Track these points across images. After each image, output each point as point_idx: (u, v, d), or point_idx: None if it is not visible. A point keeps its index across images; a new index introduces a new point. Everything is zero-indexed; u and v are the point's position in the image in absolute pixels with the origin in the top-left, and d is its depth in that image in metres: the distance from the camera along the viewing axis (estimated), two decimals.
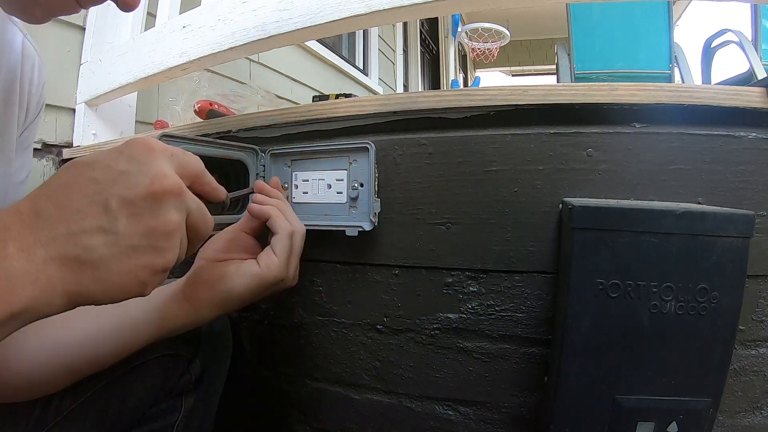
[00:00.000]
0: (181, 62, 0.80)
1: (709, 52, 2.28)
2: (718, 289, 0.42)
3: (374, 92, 3.34)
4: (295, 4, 0.66)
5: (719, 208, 0.46)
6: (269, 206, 0.50)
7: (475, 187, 0.54)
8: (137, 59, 0.87)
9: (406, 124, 0.57)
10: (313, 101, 0.85)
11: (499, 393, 0.55)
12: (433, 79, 5.63)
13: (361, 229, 0.55)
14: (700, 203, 0.49)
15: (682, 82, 2.21)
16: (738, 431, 0.51)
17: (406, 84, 4.50)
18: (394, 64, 4.14)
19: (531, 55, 7.17)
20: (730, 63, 2.29)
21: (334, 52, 2.79)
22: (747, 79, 1.96)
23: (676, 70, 2.25)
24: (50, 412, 0.44)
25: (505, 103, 0.53)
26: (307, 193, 0.60)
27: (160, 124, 1.11)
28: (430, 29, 5.56)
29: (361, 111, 0.59)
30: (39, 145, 0.93)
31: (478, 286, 0.55)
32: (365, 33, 3.52)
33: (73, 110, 1.01)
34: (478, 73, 8.00)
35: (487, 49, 5.61)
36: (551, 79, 5.75)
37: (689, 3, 4.62)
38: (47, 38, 0.95)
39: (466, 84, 6.97)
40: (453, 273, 0.55)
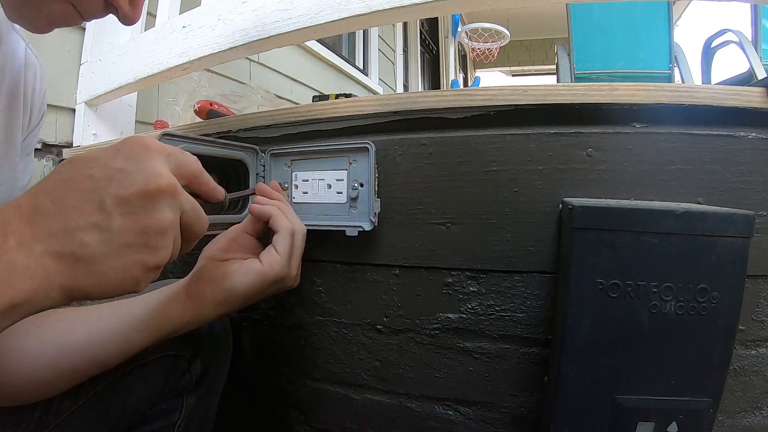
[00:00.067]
0: (181, 62, 0.80)
1: (709, 52, 2.28)
2: (718, 289, 0.42)
3: (374, 92, 3.34)
4: (295, 4, 0.67)
5: (719, 208, 0.46)
6: (270, 206, 0.51)
7: (475, 187, 0.54)
8: (137, 59, 0.87)
9: (406, 124, 0.57)
10: (313, 101, 0.85)
11: (499, 393, 0.55)
12: (433, 79, 5.63)
13: (361, 229, 0.55)
14: (700, 203, 0.49)
15: (682, 82, 2.21)
16: (738, 431, 0.51)
17: (406, 84, 4.50)
18: (394, 64, 4.14)
19: (531, 55, 7.17)
20: (730, 63, 2.29)
21: (334, 52, 2.79)
22: (747, 79, 1.96)
23: (676, 70, 2.25)
24: (51, 413, 0.44)
25: (505, 103, 0.53)
26: (307, 193, 0.60)
27: (160, 124, 1.11)
28: (430, 29, 5.56)
29: (361, 111, 0.59)
30: (39, 145, 0.93)
31: (478, 286, 0.55)
32: (365, 33, 3.52)
33: (73, 110, 1.01)
34: (478, 73, 8.00)
35: (487, 49, 5.61)
36: (551, 79, 5.75)
37: (689, 3, 4.62)
38: (47, 38, 0.94)
39: (466, 84, 6.97)
40: (453, 273, 0.55)
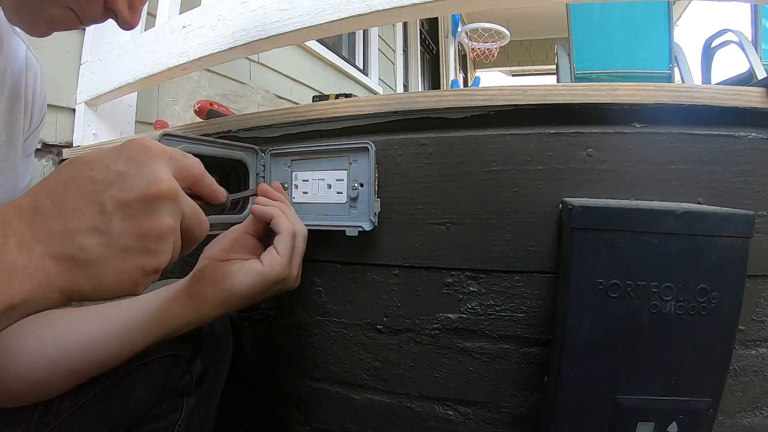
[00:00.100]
0: (181, 62, 0.80)
1: (709, 52, 2.28)
2: (718, 289, 0.42)
3: (374, 92, 3.34)
4: (295, 4, 0.67)
5: (719, 208, 0.46)
6: (272, 207, 0.51)
7: (475, 187, 0.54)
8: (137, 59, 0.87)
9: (406, 124, 0.57)
10: (313, 101, 0.85)
11: (499, 393, 0.55)
12: (433, 79, 5.63)
13: (361, 229, 0.55)
14: (700, 203, 0.49)
15: (682, 82, 2.21)
16: (738, 431, 0.51)
17: (406, 84, 4.50)
18: (394, 64, 4.14)
19: (531, 55, 7.17)
20: (730, 63, 2.29)
21: (334, 52, 2.79)
22: (747, 79, 1.96)
23: (676, 70, 2.25)
24: (51, 413, 0.44)
25: (505, 103, 0.53)
26: (307, 193, 0.60)
27: (160, 124, 1.11)
28: (430, 29, 5.56)
29: (361, 111, 0.59)
30: (39, 145, 0.93)
31: (478, 286, 0.55)
32: (365, 33, 3.52)
33: (73, 110, 1.01)
34: (478, 73, 8.00)
35: (487, 49, 5.61)
36: (551, 79, 5.75)
37: (689, 3, 4.62)
38: (47, 39, 0.93)
39: (466, 84, 6.97)
40: (453, 273, 0.55)
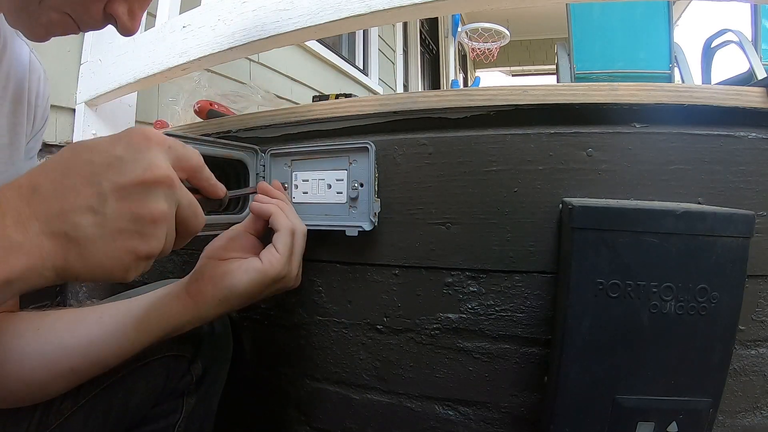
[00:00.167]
0: (181, 62, 0.80)
1: (709, 52, 2.28)
2: (718, 289, 0.42)
3: (374, 92, 3.34)
4: (295, 4, 0.67)
5: (719, 208, 0.46)
6: (270, 204, 0.51)
7: (475, 187, 0.54)
8: (137, 59, 0.87)
9: (406, 124, 0.57)
10: (313, 101, 0.85)
11: (499, 393, 0.55)
12: (433, 79, 5.63)
13: (361, 229, 0.55)
14: (700, 203, 0.49)
15: (682, 82, 2.21)
16: (738, 431, 0.51)
17: (406, 84, 4.50)
18: (394, 64, 4.14)
19: (531, 55, 7.16)
20: (730, 63, 2.29)
21: (334, 52, 2.79)
22: (747, 79, 1.96)
23: (676, 70, 2.25)
24: (52, 413, 0.44)
25: (505, 103, 0.53)
26: (307, 193, 0.60)
27: (160, 124, 1.11)
28: (430, 29, 5.56)
29: (361, 111, 0.59)
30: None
31: (478, 286, 0.55)
32: (365, 33, 3.52)
33: (73, 110, 1.01)
34: (478, 73, 8.00)
35: (487, 49, 5.61)
36: (551, 79, 5.75)
37: (689, 3, 4.62)
38: None
39: (466, 84, 6.97)
40: (453, 273, 0.55)
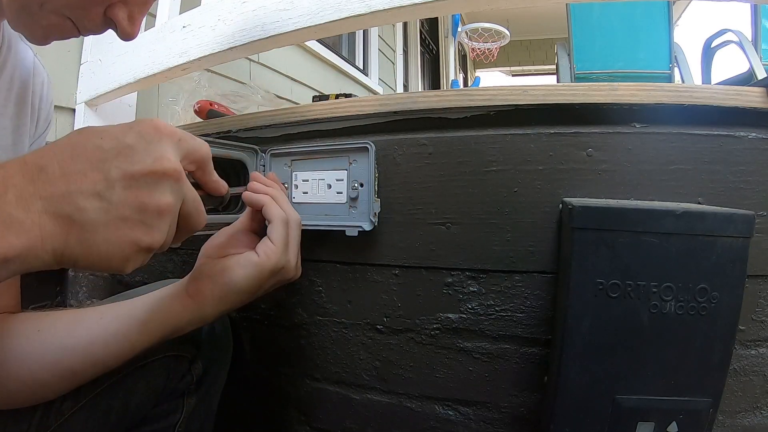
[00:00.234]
0: (181, 62, 0.80)
1: (709, 52, 2.28)
2: (718, 289, 0.42)
3: (374, 92, 3.34)
4: (295, 4, 0.67)
5: (719, 208, 0.46)
6: (263, 195, 0.50)
7: (475, 187, 0.54)
8: (137, 59, 0.87)
9: (406, 124, 0.57)
10: (313, 101, 0.85)
11: (499, 393, 0.55)
12: (433, 79, 5.63)
13: (361, 229, 0.55)
14: (700, 203, 0.49)
15: (682, 82, 2.21)
16: (738, 431, 0.51)
17: (406, 84, 4.50)
18: (394, 64, 4.14)
19: (531, 55, 7.16)
20: (730, 63, 2.29)
21: (334, 52, 2.79)
22: (747, 79, 1.96)
23: (676, 70, 2.25)
24: (52, 414, 0.44)
25: (505, 103, 0.53)
26: (307, 193, 0.60)
27: None
28: (430, 29, 5.56)
29: (361, 111, 0.59)
30: None
31: (478, 286, 0.55)
32: (365, 33, 3.52)
33: (73, 110, 1.01)
34: (478, 73, 8.00)
35: (487, 49, 5.61)
36: (551, 79, 5.75)
37: (689, 3, 4.62)
38: None
39: (466, 84, 6.97)
40: (453, 273, 0.55)
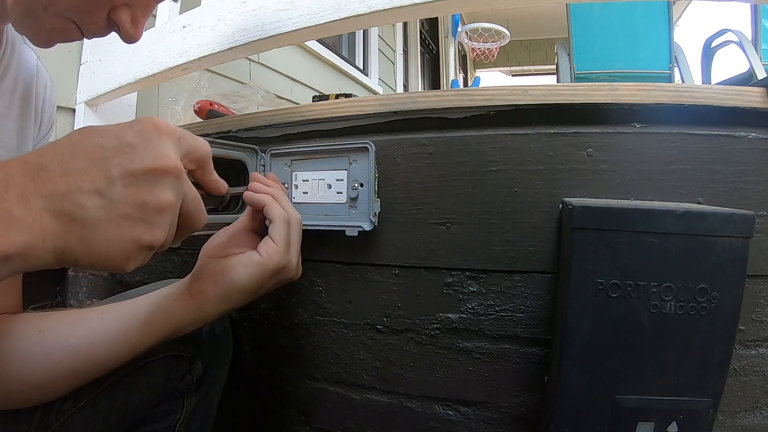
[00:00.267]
0: (181, 62, 0.80)
1: (709, 52, 2.28)
2: (718, 289, 0.42)
3: (374, 92, 3.34)
4: (295, 4, 0.67)
5: (719, 208, 0.46)
6: (264, 195, 0.50)
7: (475, 187, 0.54)
8: (137, 59, 0.87)
9: (406, 124, 0.57)
10: (313, 101, 0.85)
11: (499, 393, 0.55)
12: (433, 79, 5.63)
13: (361, 229, 0.55)
14: (700, 203, 0.49)
15: (682, 82, 2.21)
16: (738, 431, 0.51)
17: (406, 84, 4.50)
18: (394, 64, 4.14)
19: (531, 55, 7.16)
20: (730, 63, 2.29)
21: (334, 52, 2.79)
22: (747, 79, 1.96)
23: (676, 70, 2.25)
24: (52, 414, 0.44)
25: (505, 103, 0.53)
26: (307, 193, 0.60)
27: None
28: (430, 29, 5.56)
29: (361, 111, 0.59)
30: None
31: (478, 286, 0.55)
32: (365, 33, 3.52)
33: (73, 110, 1.01)
34: (478, 73, 8.00)
35: (487, 49, 5.61)
36: (551, 79, 5.75)
37: (689, 3, 4.62)
38: None
39: (466, 84, 6.97)
40: (453, 273, 0.55)
